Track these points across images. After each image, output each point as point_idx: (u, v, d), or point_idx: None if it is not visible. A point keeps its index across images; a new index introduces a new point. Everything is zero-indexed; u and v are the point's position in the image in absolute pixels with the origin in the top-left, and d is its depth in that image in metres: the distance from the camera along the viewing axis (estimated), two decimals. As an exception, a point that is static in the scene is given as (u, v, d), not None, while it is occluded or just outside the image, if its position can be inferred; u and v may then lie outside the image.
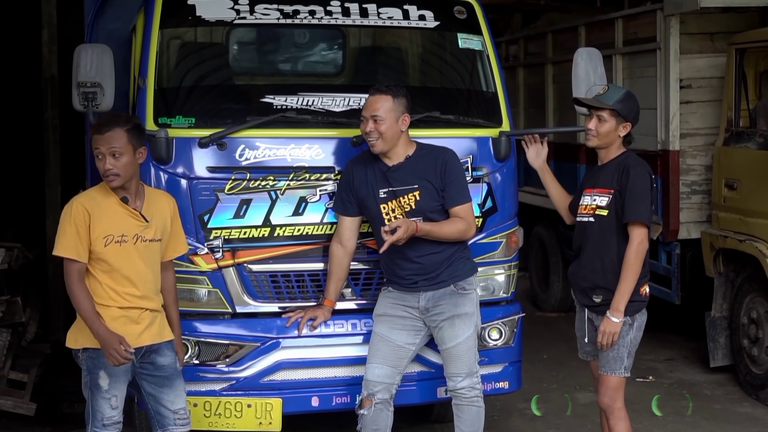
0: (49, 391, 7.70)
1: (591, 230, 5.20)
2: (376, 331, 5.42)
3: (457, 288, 5.37)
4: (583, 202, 5.28)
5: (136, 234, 4.80)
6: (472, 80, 6.06)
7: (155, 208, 4.91)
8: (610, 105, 5.13)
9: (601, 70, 5.72)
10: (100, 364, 4.78)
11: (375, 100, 5.22)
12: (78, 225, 4.69)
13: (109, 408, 4.81)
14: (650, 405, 7.32)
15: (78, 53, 5.41)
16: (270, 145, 5.45)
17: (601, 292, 5.16)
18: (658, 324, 9.46)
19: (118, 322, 4.75)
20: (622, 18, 8.67)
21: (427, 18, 5.97)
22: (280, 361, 5.50)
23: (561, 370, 8.11)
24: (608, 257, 5.14)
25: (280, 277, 5.55)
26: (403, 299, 5.39)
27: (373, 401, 5.35)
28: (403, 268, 5.33)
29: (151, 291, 4.88)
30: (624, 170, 5.11)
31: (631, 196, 5.07)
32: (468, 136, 5.76)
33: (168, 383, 4.95)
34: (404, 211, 5.25)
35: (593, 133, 5.17)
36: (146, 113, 5.47)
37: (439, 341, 5.40)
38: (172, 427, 4.97)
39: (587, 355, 5.42)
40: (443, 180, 5.28)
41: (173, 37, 5.82)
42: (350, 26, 6.10)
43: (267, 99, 5.67)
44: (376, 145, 5.23)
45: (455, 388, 5.39)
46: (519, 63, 10.95)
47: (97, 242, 4.72)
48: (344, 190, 5.41)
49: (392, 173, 5.29)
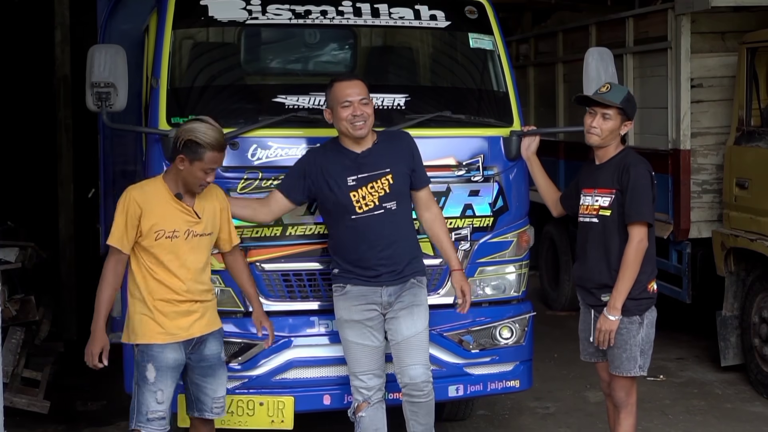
0: (63, 389, 7.73)
1: (595, 231, 5.22)
2: (348, 339, 5.33)
3: (417, 281, 5.37)
4: (584, 202, 5.29)
5: (188, 230, 4.88)
6: (483, 80, 6.06)
7: (206, 202, 4.99)
8: (618, 104, 5.14)
9: (612, 69, 5.71)
10: (149, 357, 4.88)
11: (355, 84, 5.21)
12: (128, 217, 4.80)
13: (154, 402, 4.89)
14: (661, 404, 7.32)
15: (91, 53, 5.44)
16: (282, 145, 5.45)
17: (609, 290, 5.15)
18: (669, 323, 9.46)
19: (168, 316, 4.87)
20: (633, 17, 8.67)
21: (438, 18, 5.97)
22: (291, 359, 5.52)
23: (572, 369, 8.11)
24: (614, 256, 5.15)
25: (292, 276, 5.56)
26: (364, 297, 5.30)
27: (370, 404, 5.35)
28: (371, 260, 5.28)
29: (201, 284, 4.96)
30: (624, 169, 5.12)
31: (633, 195, 5.08)
32: (479, 136, 5.76)
33: (211, 372, 5.04)
34: (378, 196, 5.23)
35: (597, 132, 5.17)
36: (159, 113, 5.49)
37: (394, 332, 5.30)
38: (208, 413, 5.08)
39: (591, 357, 5.41)
40: (413, 161, 5.32)
41: (186, 38, 5.83)
42: (361, 26, 6.09)
43: (279, 99, 5.68)
44: (363, 128, 5.19)
45: (413, 382, 5.27)
46: (529, 62, 10.94)
47: (148, 236, 4.81)
48: (295, 176, 5.29)
49: (363, 159, 5.25)
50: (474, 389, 5.81)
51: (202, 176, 4.83)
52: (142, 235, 4.82)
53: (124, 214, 4.81)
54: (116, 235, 4.81)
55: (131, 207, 4.81)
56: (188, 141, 4.79)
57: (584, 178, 5.38)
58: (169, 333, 4.89)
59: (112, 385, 7.02)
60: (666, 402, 7.45)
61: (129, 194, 4.86)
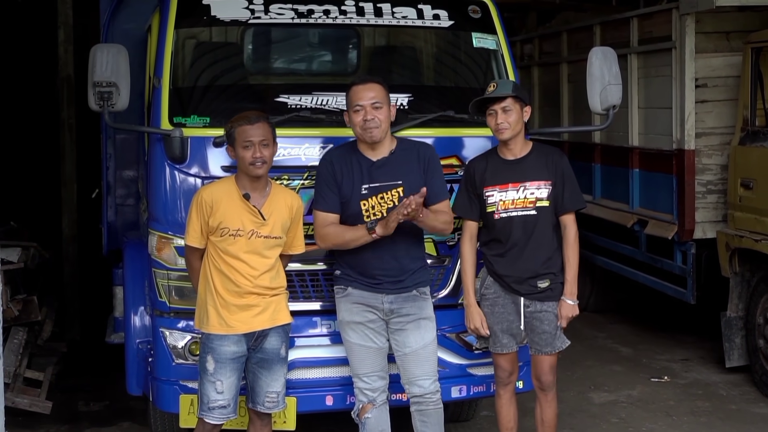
0: (65, 390, 7.72)
1: (532, 223, 5.37)
2: (351, 341, 5.33)
3: (419, 293, 5.35)
4: (505, 197, 5.37)
5: (252, 230, 5.02)
6: (487, 79, 5.97)
7: (276, 206, 5.10)
8: (510, 93, 5.29)
9: (616, 69, 5.69)
10: (208, 348, 5.06)
11: (369, 88, 5.17)
12: (201, 215, 5.02)
13: (214, 392, 5.05)
14: (665, 406, 7.29)
15: (93, 53, 5.42)
16: (284, 145, 5.42)
17: (547, 277, 5.40)
18: (674, 324, 9.48)
19: (228, 309, 5.03)
20: (638, 17, 8.63)
21: (442, 17, 5.95)
22: (294, 360, 5.48)
23: (576, 370, 8.08)
24: (552, 245, 5.41)
25: (294, 277, 5.52)
26: (365, 299, 5.29)
27: (375, 405, 5.34)
28: (374, 267, 5.25)
29: (264, 281, 5.07)
30: (553, 161, 5.39)
31: (570, 185, 5.39)
32: (482, 136, 5.72)
33: (268, 366, 5.15)
34: (386, 208, 5.18)
35: (505, 126, 5.30)
36: (161, 113, 5.47)
37: (401, 344, 5.31)
38: (260, 406, 5.20)
39: (504, 348, 5.52)
40: (425, 175, 5.26)
41: (188, 37, 5.80)
42: (364, 26, 6.08)
43: (281, 98, 5.66)
44: (376, 133, 5.14)
45: (422, 393, 5.31)
46: (534, 62, 10.90)
47: (216, 232, 5.01)
48: (328, 183, 5.23)
49: (377, 169, 5.22)
50: (477, 390, 5.81)
51: (247, 155, 4.96)
52: (211, 231, 5.02)
53: (197, 212, 5.03)
54: (192, 235, 5.06)
55: (203, 205, 5.02)
56: (226, 134, 5.07)
57: (496, 175, 5.39)
58: (229, 325, 5.04)
59: (114, 385, 7.03)
60: (670, 403, 7.42)
61: (200, 194, 5.08)
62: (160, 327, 5.56)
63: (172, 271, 5.49)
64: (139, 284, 5.99)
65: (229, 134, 5.05)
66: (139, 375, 5.88)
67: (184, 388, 5.49)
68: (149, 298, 5.78)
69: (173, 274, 5.49)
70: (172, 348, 5.52)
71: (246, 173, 5.03)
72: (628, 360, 8.59)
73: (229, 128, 5.06)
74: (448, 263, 5.64)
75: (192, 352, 5.50)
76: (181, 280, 5.47)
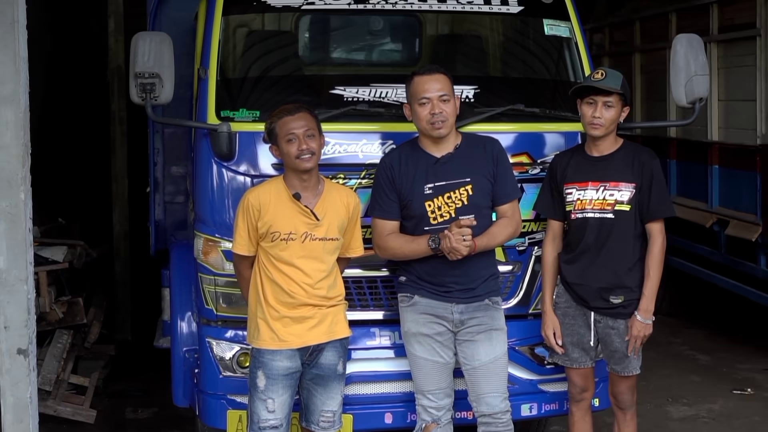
0: (113, 395, 7.57)
1: (610, 227, 4.99)
2: (416, 354, 5.02)
3: (492, 302, 5.04)
4: (584, 197, 5.02)
5: (305, 232, 4.72)
6: (559, 70, 5.74)
7: (330, 205, 4.80)
8: (619, 89, 4.94)
9: (703, 58, 5.43)
10: (260, 363, 4.76)
11: (436, 79, 4.90)
12: (249, 220, 4.73)
13: (264, 410, 4.74)
14: (750, 421, 6.94)
15: (135, 42, 5.17)
16: (340, 141, 5.16)
17: (621, 292, 5.00)
18: (758, 331, 9.04)
19: (280, 322, 4.73)
20: (718, 3, 8.41)
21: (510, 2, 5.68)
22: (350, 374, 5.18)
23: (652, 379, 7.74)
24: (631, 256, 5.00)
25: (351, 283, 5.22)
26: (433, 310, 4.99)
27: (440, 425, 5.04)
28: (444, 274, 4.95)
29: (321, 289, 4.76)
30: (642, 163, 5.00)
31: (659, 191, 4.99)
32: (554, 131, 5.45)
33: (323, 383, 4.85)
34: (454, 208, 4.90)
35: (600, 122, 4.96)
36: (207, 106, 5.22)
37: (469, 357, 5.00)
38: (314, 426, 4.89)
39: (575, 362, 5.17)
40: (495, 172, 4.98)
41: (237, 25, 5.57)
42: (427, 12, 5.80)
43: (337, 90, 5.39)
44: (443, 127, 4.88)
45: (491, 412, 4.97)
46: (604, 52, 10.76)
47: (266, 238, 4.72)
48: (386, 189, 4.98)
49: (441, 165, 4.94)
50: (549, 408, 5.51)
51: (292, 149, 4.65)
52: (261, 237, 4.73)
53: (245, 218, 4.75)
54: (239, 242, 4.77)
55: (249, 210, 4.73)
56: (267, 132, 4.78)
57: (578, 172, 5.06)
58: (282, 339, 4.73)
59: (164, 390, 6.75)
60: (755, 419, 7.06)
61: (246, 198, 4.78)
62: (206, 337, 5.28)
63: (220, 277, 5.20)
64: (186, 288, 5.71)
65: (270, 131, 4.74)
66: (185, 385, 5.63)
67: (231, 403, 5.21)
68: (196, 304, 5.50)
69: (221, 280, 5.20)
70: (219, 359, 5.24)
71: (294, 169, 4.70)
72: (707, 368, 8.28)
73: (270, 125, 4.75)
74: (517, 270, 5.35)
75: (240, 364, 5.22)
76: (229, 286, 5.18)
